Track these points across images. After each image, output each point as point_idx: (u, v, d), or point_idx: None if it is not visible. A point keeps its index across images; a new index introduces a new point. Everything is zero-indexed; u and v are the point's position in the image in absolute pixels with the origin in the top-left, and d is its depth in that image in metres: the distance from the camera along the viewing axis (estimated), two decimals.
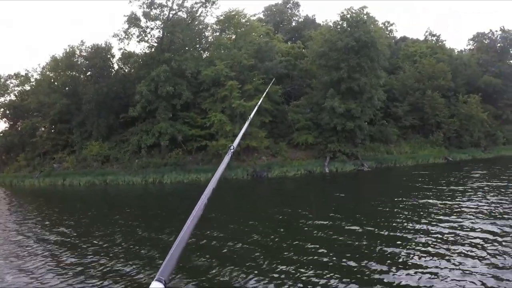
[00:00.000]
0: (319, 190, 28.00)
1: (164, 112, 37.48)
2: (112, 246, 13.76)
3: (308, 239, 12.72)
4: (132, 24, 38.73)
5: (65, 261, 12.29)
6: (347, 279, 8.98)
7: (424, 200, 18.58)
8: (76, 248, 13.94)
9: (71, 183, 39.15)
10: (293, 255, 10.99)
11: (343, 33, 37.19)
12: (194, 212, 1.82)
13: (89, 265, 11.51)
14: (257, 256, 11.20)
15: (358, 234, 12.95)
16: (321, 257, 10.67)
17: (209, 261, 11.17)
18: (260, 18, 58.25)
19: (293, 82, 45.17)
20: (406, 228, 13.44)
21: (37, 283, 10.41)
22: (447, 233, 12.33)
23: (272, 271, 9.82)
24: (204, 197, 2.00)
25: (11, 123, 54.40)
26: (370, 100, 37.08)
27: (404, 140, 43.80)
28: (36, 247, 14.53)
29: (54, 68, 46.51)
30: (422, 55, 49.16)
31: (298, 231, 14.29)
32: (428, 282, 8.54)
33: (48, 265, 12.03)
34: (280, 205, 20.81)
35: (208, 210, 1.90)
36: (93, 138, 42.15)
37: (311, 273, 9.54)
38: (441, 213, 15.56)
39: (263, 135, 37.52)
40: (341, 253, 10.82)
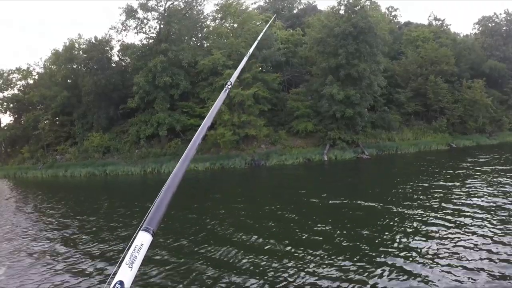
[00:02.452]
0: (312, 178, 27.58)
1: (162, 102, 37.56)
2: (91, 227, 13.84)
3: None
4: (129, 16, 38.73)
5: (62, 244, 13.19)
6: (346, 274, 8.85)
7: (418, 189, 18.24)
8: (68, 231, 14.93)
9: (72, 174, 39.92)
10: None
11: (341, 19, 36.59)
12: (185, 154, 1.75)
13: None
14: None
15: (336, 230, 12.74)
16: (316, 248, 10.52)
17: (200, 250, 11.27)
18: (260, 5, 57.80)
19: (293, 69, 44.72)
20: (392, 225, 13.14)
21: (39, 265, 11.08)
22: (448, 223, 11.98)
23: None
24: (198, 136, 2.00)
25: (16, 116, 55.34)
26: (370, 86, 36.50)
27: (406, 127, 43.06)
28: (32, 232, 15.68)
29: (55, 61, 47.01)
30: (424, 40, 48.04)
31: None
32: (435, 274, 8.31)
33: (45, 247, 13.00)
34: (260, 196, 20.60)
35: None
36: (94, 130, 42.75)
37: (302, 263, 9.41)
38: (438, 202, 15.11)
39: (262, 124, 37.28)
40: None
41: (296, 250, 10.37)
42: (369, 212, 14.41)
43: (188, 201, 18.82)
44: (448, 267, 8.51)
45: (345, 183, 23.35)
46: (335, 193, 18.90)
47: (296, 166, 33.25)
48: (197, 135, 1.99)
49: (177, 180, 1.53)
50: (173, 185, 1.51)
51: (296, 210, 15.34)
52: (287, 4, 58.95)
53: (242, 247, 11.06)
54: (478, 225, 11.48)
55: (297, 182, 25.60)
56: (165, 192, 1.46)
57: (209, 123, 2.17)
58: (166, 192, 1.46)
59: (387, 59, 45.79)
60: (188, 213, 15.93)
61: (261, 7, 56.89)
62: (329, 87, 35.66)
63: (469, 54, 49.90)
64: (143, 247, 1.30)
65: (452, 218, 12.39)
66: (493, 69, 48.19)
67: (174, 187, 1.50)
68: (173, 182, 1.52)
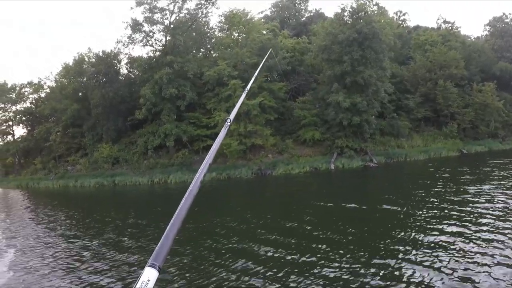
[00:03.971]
0: (317, 187, 27.34)
1: (169, 113, 37.86)
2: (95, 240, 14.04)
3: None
4: (135, 30, 39.24)
5: (69, 253, 13.80)
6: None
7: (426, 197, 17.89)
8: (74, 240, 15.42)
9: (82, 184, 40.74)
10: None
11: (345, 25, 36.41)
12: (190, 190, 1.76)
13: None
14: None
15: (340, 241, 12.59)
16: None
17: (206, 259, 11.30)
18: (267, 15, 57.96)
19: (299, 77, 44.62)
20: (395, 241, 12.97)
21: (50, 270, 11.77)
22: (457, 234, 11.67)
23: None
24: (201, 173, 1.96)
25: (29, 128, 56.52)
26: (377, 93, 36.16)
27: (416, 133, 42.47)
28: (43, 239, 16.64)
29: (65, 75, 47.94)
30: (433, 44, 47.37)
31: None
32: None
33: (58, 255, 13.61)
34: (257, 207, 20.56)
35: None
36: (103, 141, 43.36)
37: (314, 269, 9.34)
38: (451, 210, 14.80)
39: (269, 133, 37.26)
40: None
41: (310, 258, 10.36)
42: (379, 220, 14.35)
43: (193, 211, 18.84)
44: (466, 272, 8.45)
45: (351, 192, 23.06)
46: (341, 201, 18.75)
47: (302, 175, 33.04)
48: (200, 172, 1.96)
49: (181, 216, 1.57)
50: (177, 221, 1.54)
51: (303, 219, 15.27)
52: (294, 12, 58.95)
53: (252, 256, 11.07)
54: (493, 231, 11.30)
55: (302, 191, 25.44)
56: (170, 228, 1.50)
57: (210, 161, 2.16)
58: (171, 228, 1.50)
59: (396, 64, 45.38)
60: (194, 223, 15.95)
61: (267, 16, 57.07)
62: (335, 95, 35.44)
63: (479, 57, 49.07)
64: (150, 283, 1.31)
65: (467, 225, 12.21)
66: (504, 71, 47.39)
67: (179, 223, 1.53)
68: (177, 219, 1.55)
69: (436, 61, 43.80)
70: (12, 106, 56.30)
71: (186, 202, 1.66)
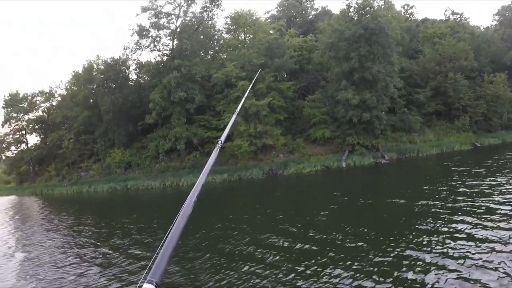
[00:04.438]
0: (327, 186, 27.22)
1: (179, 117, 38.11)
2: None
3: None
4: (141, 35, 39.53)
5: (84, 257, 14.01)
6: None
7: (439, 192, 17.69)
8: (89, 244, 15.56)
9: (95, 190, 41.39)
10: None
11: (350, 21, 36.18)
12: (183, 211, 1.78)
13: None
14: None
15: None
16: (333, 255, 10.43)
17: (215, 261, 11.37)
18: (273, 14, 57.89)
19: (308, 76, 44.48)
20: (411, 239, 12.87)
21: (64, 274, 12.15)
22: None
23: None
24: (193, 194, 1.96)
25: (42, 136, 57.34)
26: (386, 88, 35.87)
27: (428, 128, 41.96)
28: (58, 244, 17.16)
29: (75, 83, 48.59)
30: (441, 36, 46.77)
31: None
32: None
33: (72, 259, 14.02)
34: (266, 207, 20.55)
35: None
36: (115, 146, 43.86)
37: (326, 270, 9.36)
38: (467, 205, 14.48)
39: (279, 133, 37.24)
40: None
41: (325, 257, 10.28)
42: (394, 217, 14.26)
43: (204, 213, 19.08)
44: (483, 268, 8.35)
45: (363, 189, 22.83)
46: (354, 198, 18.68)
47: (313, 174, 32.93)
48: (193, 192, 1.98)
49: (177, 235, 1.59)
50: (174, 238, 1.57)
51: (316, 218, 15.26)
52: (300, 10, 58.74)
53: (266, 257, 11.04)
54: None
55: (315, 190, 25.45)
56: (166, 246, 1.51)
57: (203, 181, 2.16)
58: (168, 246, 1.51)
59: (405, 58, 44.96)
60: (207, 225, 16.08)
61: (273, 16, 57.00)
62: (344, 92, 35.24)
63: (488, 47, 48.31)
64: None
65: (484, 218, 12.06)
66: None
67: (175, 241, 1.56)
68: (173, 237, 1.57)
69: (445, 54, 43.24)
70: (25, 115, 57.43)
71: (181, 222, 1.68)
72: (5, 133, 58.36)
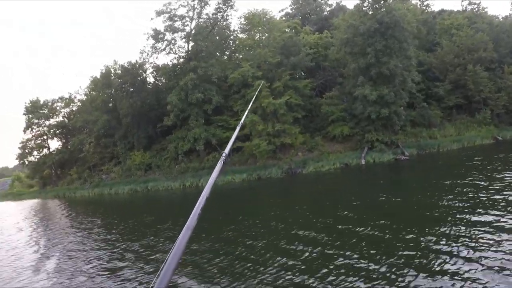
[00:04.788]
0: (345, 184, 27.09)
1: (197, 118, 38.44)
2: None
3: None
4: (157, 39, 39.96)
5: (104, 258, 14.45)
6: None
7: (455, 191, 17.47)
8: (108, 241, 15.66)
9: (116, 192, 42.25)
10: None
11: (365, 16, 35.85)
12: (187, 224, 1.79)
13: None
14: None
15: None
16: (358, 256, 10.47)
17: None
18: (287, 12, 57.75)
19: (325, 73, 44.25)
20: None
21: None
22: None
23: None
24: (198, 207, 1.96)
25: (63, 141, 58.49)
26: (403, 83, 35.44)
27: (448, 122, 41.22)
28: (82, 245, 17.65)
29: (94, 88, 49.48)
30: (458, 27, 45.87)
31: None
32: None
33: (92, 260, 14.57)
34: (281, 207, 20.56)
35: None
36: (135, 149, 44.49)
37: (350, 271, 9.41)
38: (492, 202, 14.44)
39: (297, 131, 37.19)
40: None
41: (350, 254, 10.26)
42: (416, 213, 14.15)
43: (225, 212, 19.33)
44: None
45: (384, 186, 22.65)
46: (375, 195, 18.53)
47: (333, 172, 32.78)
48: (197, 205, 1.98)
49: (181, 248, 1.62)
50: (178, 252, 1.59)
51: (338, 215, 15.33)
52: (314, 7, 58.42)
53: (291, 254, 11.14)
54: None
55: (334, 188, 25.28)
56: (171, 259, 1.54)
57: (207, 194, 2.15)
58: (172, 259, 1.54)
59: (423, 52, 44.31)
60: (226, 226, 16.21)
61: (288, 14, 56.88)
62: (361, 88, 34.93)
63: (508, 37, 47.06)
64: None
65: (506, 214, 11.93)
66: None
67: (180, 254, 1.59)
68: (178, 250, 1.60)
69: (464, 45, 42.37)
70: (46, 121, 58.83)
71: (185, 235, 1.70)
72: (28, 139, 59.82)
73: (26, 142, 59.83)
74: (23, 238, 22.20)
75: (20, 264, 15.47)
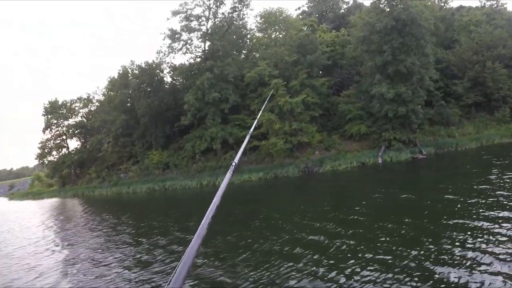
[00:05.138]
0: (363, 183, 27.00)
1: (213, 117, 38.71)
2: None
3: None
4: (173, 39, 40.33)
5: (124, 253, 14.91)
6: None
7: (474, 190, 17.34)
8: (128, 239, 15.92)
9: (134, 191, 42.88)
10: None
11: (381, 13, 35.64)
12: (198, 232, 1.81)
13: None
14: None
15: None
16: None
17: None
18: (304, 11, 57.71)
19: (342, 71, 44.10)
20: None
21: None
22: None
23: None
24: (208, 215, 1.98)
25: (82, 141, 59.47)
26: (421, 81, 35.14)
27: (467, 120, 40.65)
28: (97, 243, 17.99)
29: (112, 88, 50.16)
30: (477, 24, 45.23)
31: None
32: None
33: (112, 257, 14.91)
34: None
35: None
36: (153, 148, 44.99)
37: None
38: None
39: (314, 130, 37.15)
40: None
41: (372, 251, 10.29)
42: (436, 211, 13.98)
43: (243, 211, 19.52)
44: None
45: (402, 185, 22.49)
46: (394, 194, 18.38)
47: (349, 171, 32.69)
48: (208, 213, 1.99)
49: (192, 254, 1.66)
50: (189, 259, 1.63)
51: (358, 213, 15.16)
52: (331, 5, 58.25)
53: (318, 249, 11.27)
54: None
55: (352, 186, 25.40)
56: (182, 265, 1.58)
57: (218, 203, 2.15)
58: (183, 266, 1.58)
59: (441, 49, 43.79)
60: (244, 224, 16.39)
61: (305, 12, 56.84)
62: (378, 86, 34.73)
63: None
64: None
65: None
66: None
67: (190, 261, 1.62)
68: (189, 257, 1.64)
69: (482, 42, 41.76)
70: (65, 121, 59.75)
71: (195, 244, 1.73)
72: (47, 139, 60.80)
73: (46, 142, 60.84)
74: (45, 237, 22.59)
75: (43, 262, 15.76)
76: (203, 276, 10.72)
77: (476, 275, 8.18)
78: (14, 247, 20.05)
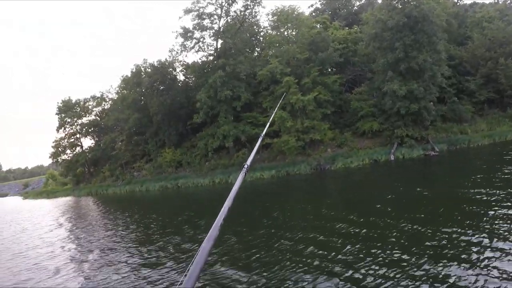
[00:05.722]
0: (376, 180, 27.01)
1: (226, 115, 39.03)
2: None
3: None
4: (186, 37, 40.67)
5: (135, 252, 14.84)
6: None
7: (487, 186, 17.37)
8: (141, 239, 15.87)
9: (147, 189, 43.29)
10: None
11: (393, 10, 35.62)
12: (209, 234, 1.85)
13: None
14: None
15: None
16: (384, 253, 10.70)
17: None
18: (317, 8, 57.76)
19: (355, 68, 44.11)
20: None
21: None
22: None
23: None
24: (220, 217, 2.01)
25: (96, 139, 60.16)
26: (433, 77, 35.05)
27: (480, 117, 40.40)
28: (111, 242, 17.78)
29: (125, 87, 50.66)
30: (490, 20, 44.94)
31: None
32: None
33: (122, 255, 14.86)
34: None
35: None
36: (166, 146, 45.41)
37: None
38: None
39: (326, 127, 37.26)
40: None
41: (387, 249, 10.18)
42: (451, 208, 14.03)
43: (256, 209, 19.72)
44: None
45: (415, 182, 22.41)
46: (407, 191, 18.44)
47: (361, 168, 32.76)
48: (220, 215, 2.04)
49: (204, 255, 1.72)
50: (201, 260, 1.68)
51: (371, 211, 15.08)
52: (344, 2, 58.20)
53: (331, 248, 11.25)
54: None
55: (364, 184, 25.38)
56: (194, 267, 1.64)
57: (230, 205, 2.18)
58: (195, 267, 1.63)
59: (453, 45, 43.58)
60: (262, 219, 16.45)
61: (317, 9, 56.91)
62: (390, 83, 34.73)
63: None
64: None
65: None
66: None
67: (202, 262, 1.68)
68: (200, 259, 1.69)
69: (495, 38, 41.47)
70: (78, 119, 60.38)
71: (206, 246, 1.79)
72: (61, 138, 61.38)
73: (60, 140, 61.46)
74: (58, 236, 22.52)
75: (55, 262, 15.66)
76: (215, 275, 10.68)
77: (493, 278, 7.97)
78: (28, 246, 19.93)
